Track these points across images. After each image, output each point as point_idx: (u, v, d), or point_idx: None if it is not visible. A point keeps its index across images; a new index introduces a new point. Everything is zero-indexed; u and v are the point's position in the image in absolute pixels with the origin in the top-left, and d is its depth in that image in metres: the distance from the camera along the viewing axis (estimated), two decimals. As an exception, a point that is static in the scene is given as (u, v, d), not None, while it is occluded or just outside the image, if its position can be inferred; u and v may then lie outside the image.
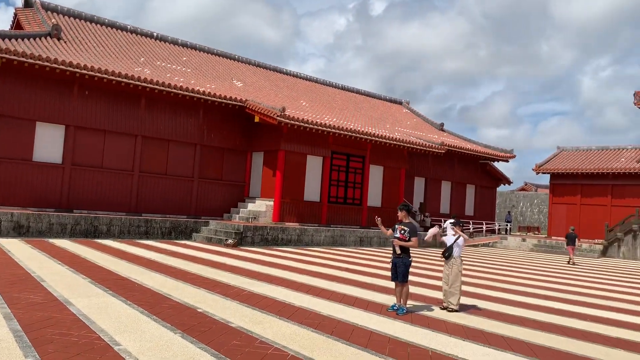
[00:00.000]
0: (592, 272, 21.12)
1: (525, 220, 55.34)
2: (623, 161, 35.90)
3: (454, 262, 10.23)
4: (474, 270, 18.34)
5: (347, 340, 7.22)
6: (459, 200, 39.48)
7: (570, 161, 38.50)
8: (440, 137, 36.29)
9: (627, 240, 30.97)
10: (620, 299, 13.56)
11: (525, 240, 35.34)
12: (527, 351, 7.33)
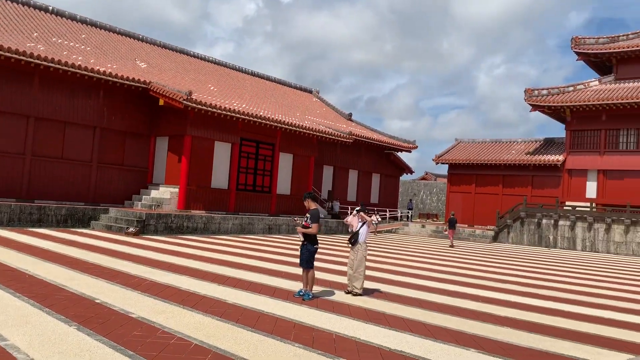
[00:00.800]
0: (480, 256, 22.63)
1: (425, 208, 58.08)
2: (514, 153, 38.68)
3: (359, 248, 10.53)
4: (378, 256, 19.00)
5: (252, 327, 7.22)
6: (365, 188, 40.64)
7: (467, 152, 40.87)
8: (349, 127, 37.06)
9: (516, 227, 33.52)
10: (508, 280, 14.65)
11: (424, 227, 37.13)
12: (425, 331, 7.72)
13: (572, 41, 37.04)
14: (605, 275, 17.82)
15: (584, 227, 30.88)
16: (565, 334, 8.21)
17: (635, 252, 29.00)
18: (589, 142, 35.39)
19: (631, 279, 17.12)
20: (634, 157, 33.42)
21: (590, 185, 35.03)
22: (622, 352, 7.27)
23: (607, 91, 34.75)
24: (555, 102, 35.23)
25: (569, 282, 15.05)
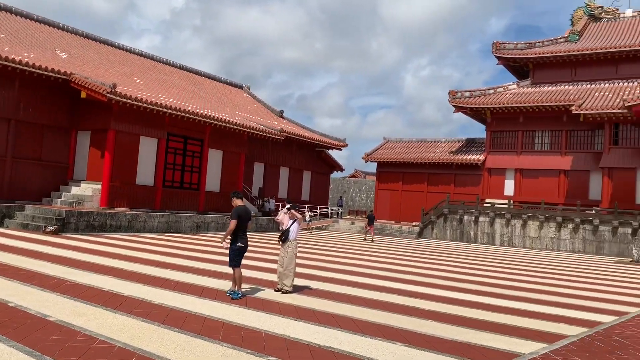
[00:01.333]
0: (405, 252, 23.30)
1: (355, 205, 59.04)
2: (438, 152, 40.10)
3: (290, 245, 10.53)
4: (308, 253, 19.10)
5: (179, 328, 7.04)
6: (296, 185, 40.73)
7: (395, 151, 41.93)
8: (280, 124, 36.98)
9: (439, 223, 34.78)
10: (432, 275, 15.17)
11: (354, 223, 37.74)
12: (354, 327, 7.85)
13: (493, 46, 38.87)
14: (522, 269, 18.85)
15: (502, 223, 32.53)
16: (486, 325, 8.60)
17: (548, 246, 30.91)
18: (508, 143, 37.31)
19: (545, 272, 18.22)
20: (548, 157, 35.59)
21: (508, 184, 36.95)
22: (537, 341, 7.71)
23: (524, 94, 36.76)
24: (476, 104, 36.85)
25: (489, 276, 15.79)
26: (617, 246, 28.72)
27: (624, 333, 8.55)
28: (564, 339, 7.84)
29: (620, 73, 35.58)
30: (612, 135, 32.96)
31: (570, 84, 36.88)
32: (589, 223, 29.68)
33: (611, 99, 32.27)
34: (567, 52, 36.36)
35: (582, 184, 34.39)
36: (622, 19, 41.75)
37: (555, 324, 9.10)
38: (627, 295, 13.37)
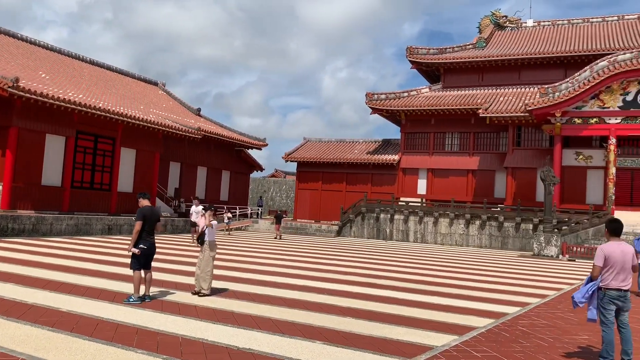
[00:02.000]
0: (323, 250, 23.60)
1: (275, 205, 58.98)
2: (356, 153, 40.96)
3: (207, 247, 10.35)
4: (227, 254, 18.83)
5: (89, 335, 6.71)
6: (215, 185, 40.04)
7: (314, 151, 42.35)
8: (197, 122, 36.18)
9: (357, 221, 35.54)
10: (349, 272, 15.46)
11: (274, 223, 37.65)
12: (274, 328, 7.84)
13: (407, 50, 40.27)
14: (434, 264, 19.65)
15: (415, 221, 33.80)
16: (401, 320, 8.90)
17: (457, 242, 32.49)
18: (421, 144, 38.81)
19: (455, 267, 19.12)
20: (457, 158, 37.41)
21: (421, 183, 38.44)
22: (448, 333, 8.08)
23: (436, 98, 38.40)
24: (392, 106, 38.02)
25: (403, 272, 16.33)
26: (519, 241, 30.72)
27: (526, 322, 9.17)
28: (473, 331, 8.28)
29: (522, 79, 38.08)
30: (515, 137, 35.21)
31: (478, 88, 38.97)
32: (495, 220, 31.52)
33: (514, 103, 34.46)
34: (475, 58, 38.41)
35: (489, 182, 36.46)
36: (524, 28, 44.72)
37: (465, 316, 9.58)
38: (529, 287, 14.33)
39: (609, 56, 29.35)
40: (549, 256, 25.70)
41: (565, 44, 38.34)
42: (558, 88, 30.02)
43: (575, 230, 27.25)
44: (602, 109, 29.85)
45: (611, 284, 6.60)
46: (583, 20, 43.22)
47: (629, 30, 39.32)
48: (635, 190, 31.77)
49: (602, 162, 31.57)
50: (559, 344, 7.68)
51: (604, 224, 7.09)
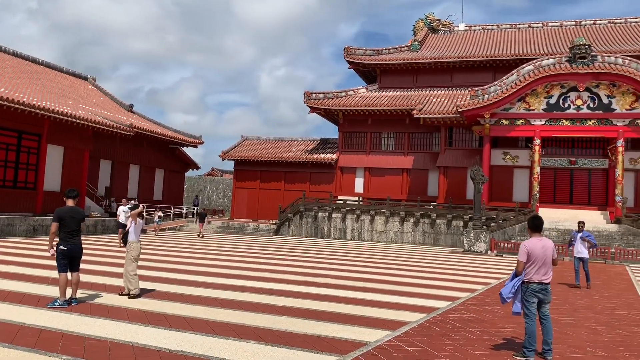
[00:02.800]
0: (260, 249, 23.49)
1: (211, 204, 58.06)
2: (294, 151, 40.99)
3: (130, 247, 10.10)
4: (159, 254, 18.36)
5: (10, 342, 6.34)
6: (148, 184, 38.92)
7: (252, 149, 42.02)
8: (130, 119, 35.01)
9: (296, 220, 35.59)
10: (286, 271, 15.45)
11: (210, 223, 37.08)
12: (207, 329, 7.71)
13: (345, 51, 40.73)
14: (369, 261, 19.96)
15: (352, 219, 34.26)
16: (336, 317, 8.98)
17: (392, 239, 33.22)
18: (358, 143, 39.37)
19: (390, 264, 19.51)
20: (393, 157, 38.23)
21: (358, 181, 39.01)
22: (381, 329, 8.24)
23: (373, 98, 39.06)
24: (330, 105, 38.33)
25: (340, 269, 16.50)
26: (451, 237, 31.79)
27: (456, 316, 9.50)
28: (406, 325, 8.48)
29: (454, 81, 39.42)
30: (447, 137, 36.40)
31: (413, 89, 39.99)
32: (428, 217, 32.46)
33: (447, 105, 35.62)
34: (409, 60, 39.37)
35: (422, 181, 37.50)
36: (457, 32, 46.30)
37: (398, 311, 9.80)
38: (459, 282, 14.85)
39: (534, 61, 30.88)
40: (479, 252, 26.75)
41: (495, 48, 40.03)
42: (487, 90, 31.28)
43: (503, 227, 28.51)
44: (527, 111, 31.39)
45: (534, 277, 6.96)
46: (511, 26, 45.28)
47: (553, 37, 41.58)
48: (558, 189, 33.65)
49: (527, 161, 33.20)
50: (486, 337, 8.00)
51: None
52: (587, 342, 8.00)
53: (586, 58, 29.16)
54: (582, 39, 29.70)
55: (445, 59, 38.71)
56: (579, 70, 29.27)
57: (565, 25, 43.75)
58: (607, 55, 29.88)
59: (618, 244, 26.02)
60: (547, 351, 6.89)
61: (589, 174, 33.23)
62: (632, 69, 28.58)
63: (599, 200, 32.53)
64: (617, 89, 29.59)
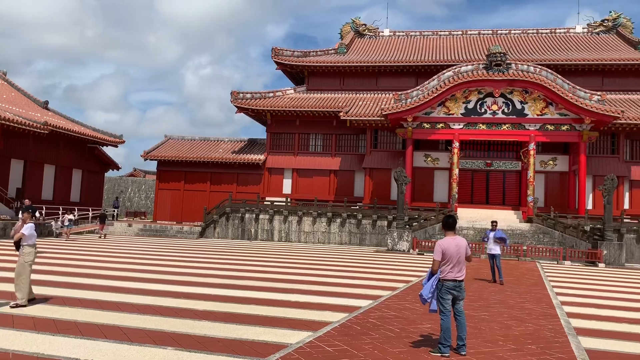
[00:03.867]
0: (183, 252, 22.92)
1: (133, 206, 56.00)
2: (221, 152, 40.34)
3: (22, 253, 9.56)
4: (70, 259, 17.45)
5: None
6: (64, 185, 36.96)
7: (177, 149, 40.93)
8: (44, 116, 33.08)
9: (222, 222, 35.01)
10: (208, 274, 15.13)
11: (131, 226, 35.77)
12: (122, 336, 7.38)
13: (272, 51, 40.60)
14: (296, 262, 19.96)
15: (280, 220, 34.17)
16: (257, 320, 8.89)
17: (320, 240, 33.46)
18: (286, 144, 39.35)
19: (316, 264, 19.61)
20: (321, 159, 38.53)
21: (286, 182, 38.98)
22: (304, 330, 8.23)
23: (300, 99, 39.19)
24: (257, 105, 38.06)
25: (265, 271, 16.36)
26: (376, 237, 32.46)
27: (377, 315, 9.67)
28: (327, 326, 8.53)
29: (379, 85, 40.32)
30: (372, 139, 37.15)
31: (340, 92, 40.51)
32: (354, 217, 32.97)
33: (372, 108, 36.36)
34: (336, 63, 39.86)
35: (349, 182, 38.06)
36: (382, 37, 47.41)
37: (321, 312, 9.84)
38: (382, 280, 15.15)
39: (454, 67, 32.15)
40: (401, 251, 27.48)
41: (417, 54, 41.34)
42: (410, 95, 32.23)
43: (424, 226, 29.46)
44: (447, 115, 32.63)
45: (448, 275, 7.20)
46: (433, 33, 46.95)
47: (471, 44, 43.52)
48: (475, 190, 35.24)
49: (447, 163, 34.52)
50: (404, 334, 8.20)
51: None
52: (499, 336, 8.40)
53: (501, 65, 30.72)
54: (498, 47, 31.26)
55: (370, 63, 39.52)
56: (494, 77, 30.79)
57: (483, 34, 45.94)
58: (520, 63, 31.64)
59: (530, 242, 27.60)
60: (461, 346, 7.16)
61: (504, 175, 35.07)
62: (542, 77, 30.42)
63: (512, 201, 34.38)
64: (529, 95, 31.39)
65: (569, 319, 10.14)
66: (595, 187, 33.08)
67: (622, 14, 43.65)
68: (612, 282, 17.95)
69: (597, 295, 13.99)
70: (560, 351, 7.56)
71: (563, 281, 17.14)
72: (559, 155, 34.44)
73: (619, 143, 33.88)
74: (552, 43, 42.77)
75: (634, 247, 28.53)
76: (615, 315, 10.95)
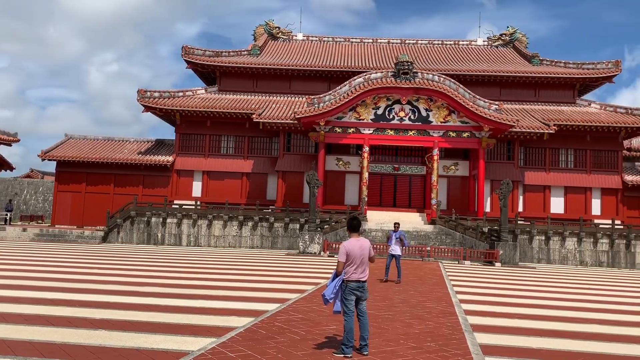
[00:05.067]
0: (80, 258, 21.68)
1: (29, 209, 52.22)
2: (126, 152, 38.60)
3: None
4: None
5: None
6: (-53, 186, 33.63)
7: (78, 149, 38.65)
8: None
9: (126, 226, 33.46)
10: (108, 281, 14.35)
11: (26, 230, 33.28)
12: (6, 350, 6.80)
13: (183, 50, 39.53)
14: (203, 267, 19.45)
15: (189, 224, 33.24)
16: (158, 327, 8.53)
17: (231, 244, 32.93)
18: (196, 145, 38.39)
19: (225, 269, 19.22)
20: (233, 161, 37.99)
21: (196, 185, 38.02)
22: (207, 337, 8.01)
23: (212, 100, 38.44)
24: (166, 105, 36.85)
25: (170, 277, 15.79)
26: (288, 240, 32.48)
27: (283, 318, 9.62)
28: (232, 331, 8.36)
29: (293, 88, 40.47)
30: (285, 142, 37.20)
31: (253, 94, 40.19)
32: (266, 221, 32.79)
33: (285, 111, 36.40)
34: (249, 64, 39.53)
35: (262, 185, 37.82)
36: (295, 41, 47.67)
37: (226, 317, 9.63)
38: (291, 283, 15.13)
39: (365, 74, 32.96)
40: (313, 253, 27.69)
41: (330, 60, 41.99)
42: (322, 99, 32.62)
43: (335, 228, 29.89)
44: (358, 120, 33.38)
45: (352, 276, 7.29)
46: (345, 40, 47.93)
47: (381, 52, 44.90)
48: (384, 193, 36.34)
49: (358, 167, 35.31)
50: (310, 336, 8.21)
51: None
52: (401, 334, 8.64)
53: (409, 74, 31.93)
54: (406, 56, 32.47)
55: (284, 66, 39.58)
56: (402, 85, 31.93)
57: (393, 43, 47.55)
58: (426, 72, 33.04)
59: (433, 243, 28.84)
60: (364, 346, 7.27)
61: (410, 179, 36.46)
62: (446, 86, 31.96)
63: (418, 203, 35.80)
64: (433, 103, 32.86)
65: (467, 316, 10.66)
66: (493, 191, 35.21)
67: (518, 30, 46.98)
68: (507, 280, 19.16)
69: (492, 293, 14.85)
70: (456, 347, 7.90)
71: (462, 280, 18.04)
72: (460, 161, 36.35)
73: (514, 150, 36.37)
74: (456, 54, 45.14)
75: (527, 247, 30.69)
76: (509, 312, 11.67)
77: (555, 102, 39.27)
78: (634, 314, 12.33)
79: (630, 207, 36.35)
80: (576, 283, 19.47)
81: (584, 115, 36.87)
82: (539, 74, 38.59)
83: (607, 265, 30.41)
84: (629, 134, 36.53)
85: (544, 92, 39.65)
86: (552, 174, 36.64)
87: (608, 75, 38.64)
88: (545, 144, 36.22)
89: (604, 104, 38.60)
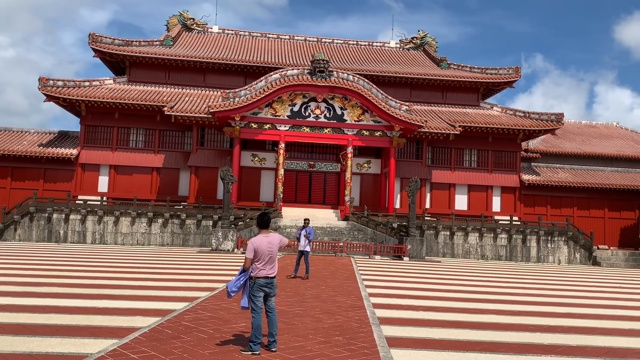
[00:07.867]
0: None
1: None
2: (25, 144, 36.02)
3: None
4: None
5: None
6: None
7: (-31, 140, 35.50)
8: None
9: (24, 223, 31.24)
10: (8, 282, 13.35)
11: None
12: None
13: (90, 37, 37.44)
14: (106, 265, 18.54)
15: (94, 221, 31.59)
16: (56, 330, 8.03)
17: (139, 241, 31.68)
18: (103, 138, 36.54)
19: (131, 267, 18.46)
20: (142, 155, 36.55)
21: (102, 180, 36.21)
22: (108, 338, 7.64)
23: (120, 91, 36.74)
24: (70, 95, 34.77)
25: (70, 276, 14.87)
26: (200, 237, 31.77)
27: (191, 317, 9.39)
28: (136, 332, 8.04)
29: (207, 81, 39.57)
30: (199, 137, 36.32)
31: (165, 86, 38.85)
32: (177, 217, 31.87)
33: (199, 104, 35.53)
34: (161, 55, 38.16)
35: (173, 181, 36.70)
36: (210, 34, 46.65)
37: (130, 317, 9.25)
38: (201, 281, 14.79)
39: (281, 70, 32.90)
40: (226, 250, 27.28)
41: (246, 54, 41.50)
42: (238, 94, 32.18)
43: (250, 225, 29.63)
44: (274, 116, 33.28)
45: (260, 273, 7.25)
46: (262, 35, 47.58)
47: (298, 49, 45.04)
48: (299, 189, 36.53)
49: (273, 164, 35.22)
50: (217, 335, 8.07)
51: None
52: (310, 330, 8.72)
53: (324, 72, 32.26)
54: (322, 55, 32.78)
55: (198, 59, 38.62)
56: (318, 83, 32.21)
57: (309, 40, 47.86)
58: (341, 71, 33.56)
59: (346, 239, 29.41)
60: (272, 342, 7.26)
61: (325, 176, 36.92)
62: (359, 86, 32.65)
63: (332, 200, 36.34)
64: (348, 102, 33.46)
65: (375, 310, 10.96)
66: (403, 188, 36.48)
67: (428, 34, 48.89)
68: (413, 274, 19.94)
69: (400, 287, 15.38)
70: (363, 340, 8.10)
71: (372, 274, 18.55)
72: (373, 159, 37.33)
73: (423, 149, 37.89)
74: (370, 55, 46.25)
75: (433, 242, 32.11)
76: (414, 304, 12.13)
77: (461, 105, 41.31)
78: (526, 304, 13.27)
79: (526, 204, 39.08)
80: (477, 276, 20.64)
81: (487, 117, 39.13)
82: (447, 77, 40.42)
83: (505, 259, 32.52)
84: (526, 135, 39.21)
85: (450, 95, 41.58)
86: (457, 172, 38.55)
87: (509, 80, 41.23)
88: (451, 144, 38.03)
89: (505, 107, 41.16)
